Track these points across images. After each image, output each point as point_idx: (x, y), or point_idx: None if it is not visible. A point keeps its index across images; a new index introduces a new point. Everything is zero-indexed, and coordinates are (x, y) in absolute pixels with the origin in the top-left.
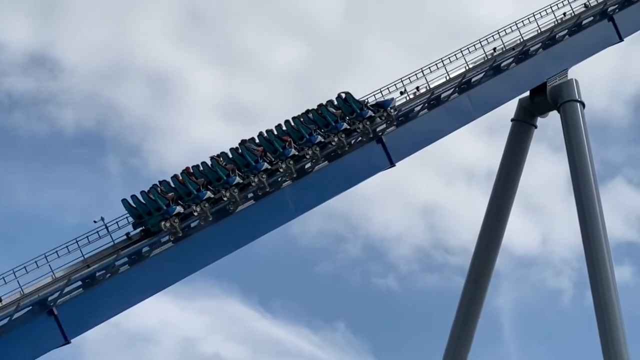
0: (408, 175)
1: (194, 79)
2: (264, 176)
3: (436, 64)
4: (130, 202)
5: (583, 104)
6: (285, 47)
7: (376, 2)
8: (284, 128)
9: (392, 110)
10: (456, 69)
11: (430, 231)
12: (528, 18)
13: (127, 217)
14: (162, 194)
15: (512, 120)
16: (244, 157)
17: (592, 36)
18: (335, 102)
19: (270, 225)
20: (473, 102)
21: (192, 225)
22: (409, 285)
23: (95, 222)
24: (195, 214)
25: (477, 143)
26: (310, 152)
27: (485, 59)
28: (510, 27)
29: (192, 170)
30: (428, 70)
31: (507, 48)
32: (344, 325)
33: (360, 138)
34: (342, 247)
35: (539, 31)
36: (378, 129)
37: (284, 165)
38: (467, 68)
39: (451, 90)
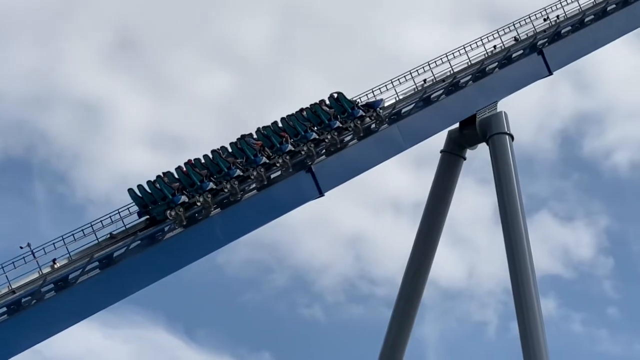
0: (335, 206)
1: (123, 107)
2: (262, 170)
3: (366, 95)
4: (137, 191)
5: (512, 137)
6: (214, 76)
7: (305, 32)
8: (280, 125)
9: (380, 110)
10: (387, 100)
11: (356, 262)
12: (458, 50)
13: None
14: (168, 184)
15: (441, 151)
16: (243, 151)
17: (522, 69)
18: (328, 102)
19: (197, 254)
20: (403, 133)
21: (196, 215)
22: (334, 315)
23: (21, 247)
24: (199, 204)
25: (405, 174)
26: (305, 149)
27: (416, 90)
28: (441, 58)
29: (194, 163)
30: (358, 101)
31: (437, 79)
32: (269, 355)
33: (351, 137)
34: (268, 277)
35: (469, 63)
36: (306, 159)
37: (280, 160)
38: (397, 99)
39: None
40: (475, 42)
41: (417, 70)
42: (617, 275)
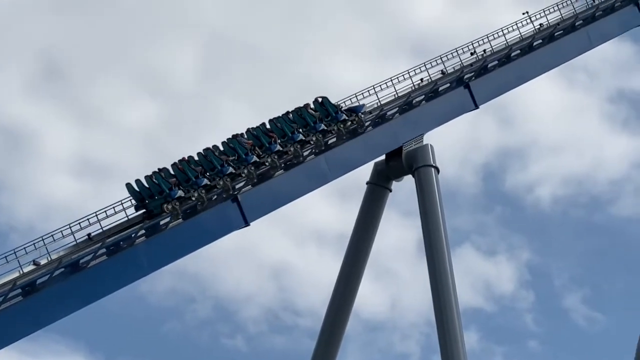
0: (259, 236)
1: (47, 134)
2: (252, 168)
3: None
4: (134, 186)
5: (437, 169)
6: (140, 105)
7: (232, 63)
8: (268, 126)
9: (362, 115)
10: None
11: (280, 292)
12: (385, 82)
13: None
14: (165, 179)
15: (367, 183)
16: (235, 150)
17: (448, 103)
18: (313, 106)
19: (121, 282)
20: (329, 164)
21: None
22: (257, 346)
23: None
24: (193, 198)
25: (329, 206)
26: (292, 149)
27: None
28: (368, 90)
29: (188, 160)
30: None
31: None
32: None
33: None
34: (191, 307)
35: (396, 96)
36: (236, 187)
37: (269, 160)
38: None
39: (308, 151)
40: (402, 75)
41: (344, 102)
42: (538, 308)
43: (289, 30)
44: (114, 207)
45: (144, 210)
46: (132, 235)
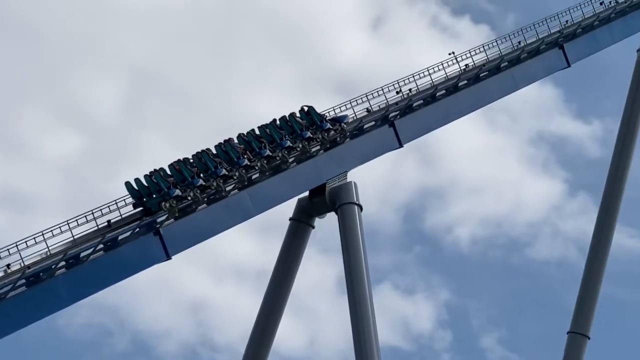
0: (178, 270)
1: None
2: (243, 171)
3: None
4: (133, 184)
5: (360, 207)
6: (62, 137)
7: (154, 97)
8: (257, 132)
9: (345, 125)
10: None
11: (198, 327)
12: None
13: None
14: (164, 178)
15: (290, 219)
16: (228, 153)
17: (373, 140)
18: (298, 115)
19: (39, 314)
20: (253, 199)
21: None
22: None
23: None
24: (189, 198)
25: (249, 241)
26: (280, 155)
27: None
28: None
29: (184, 161)
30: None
31: (288, 147)
32: None
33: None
34: (108, 341)
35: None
36: (158, 221)
37: (259, 164)
38: (247, 164)
39: (232, 186)
40: (328, 112)
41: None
42: (456, 348)
43: (211, 65)
44: (34, 238)
45: (141, 208)
46: (53, 267)
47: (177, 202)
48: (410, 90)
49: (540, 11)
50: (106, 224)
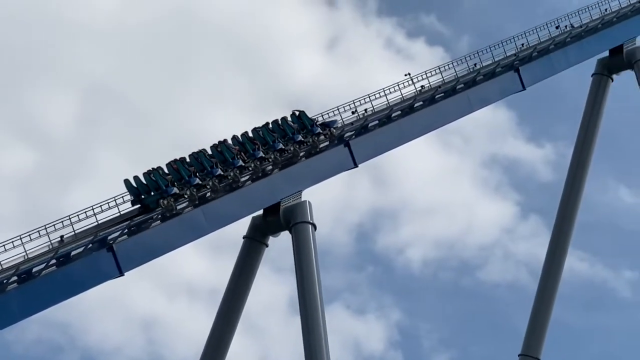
0: (131, 287)
1: None
2: (237, 171)
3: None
4: (132, 182)
5: (314, 226)
6: (16, 152)
7: (110, 113)
8: (251, 135)
9: (334, 130)
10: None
11: (149, 345)
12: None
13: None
14: (163, 176)
15: (244, 237)
16: (223, 154)
17: (328, 160)
18: (290, 119)
19: None
20: (207, 217)
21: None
22: None
23: None
24: (186, 196)
25: (201, 259)
26: (272, 157)
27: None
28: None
29: (181, 161)
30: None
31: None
32: None
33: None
34: (58, 357)
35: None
36: (109, 238)
37: (252, 165)
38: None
39: (186, 203)
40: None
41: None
42: None
43: (167, 82)
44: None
45: (139, 205)
46: (4, 282)
47: (174, 200)
48: (365, 110)
49: (495, 34)
50: (59, 239)
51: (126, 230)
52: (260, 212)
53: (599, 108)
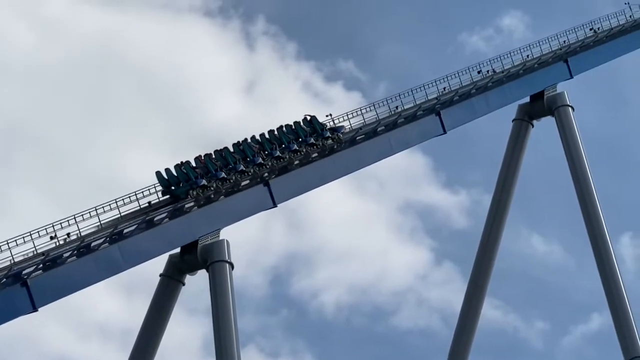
0: (42, 326)
1: None
2: (257, 168)
3: (89, 212)
4: (164, 174)
5: (232, 265)
6: None
7: (26, 152)
8: (267, 136)
9: (341, 135)
10: (109, 219)
11: None
12: None
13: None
14: (193, 168)
15: (160, 275)
16: (244, 152)
17: (247, 199)
18: (302, 123)
19: None
20: (123, 254)
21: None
22: None
23: None
24: (212, 188)
25: (114, 298)
26: (287, 157)
27: (140, 208)
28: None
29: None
30: (80, 218)
31: (162, 202)
32: None
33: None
34: None
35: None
36: (24, 272)
37: (270, 163)
38: (120, 218)
39: (102, 240)
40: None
41: (142, 192)
42: None
43: (84, 122)
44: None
45: (168, 195)
46: None
47: (202, 191)
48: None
49: (411, 81)
50: None
51: (41, 265)
52: (178, 249)
53: (519, 153)
